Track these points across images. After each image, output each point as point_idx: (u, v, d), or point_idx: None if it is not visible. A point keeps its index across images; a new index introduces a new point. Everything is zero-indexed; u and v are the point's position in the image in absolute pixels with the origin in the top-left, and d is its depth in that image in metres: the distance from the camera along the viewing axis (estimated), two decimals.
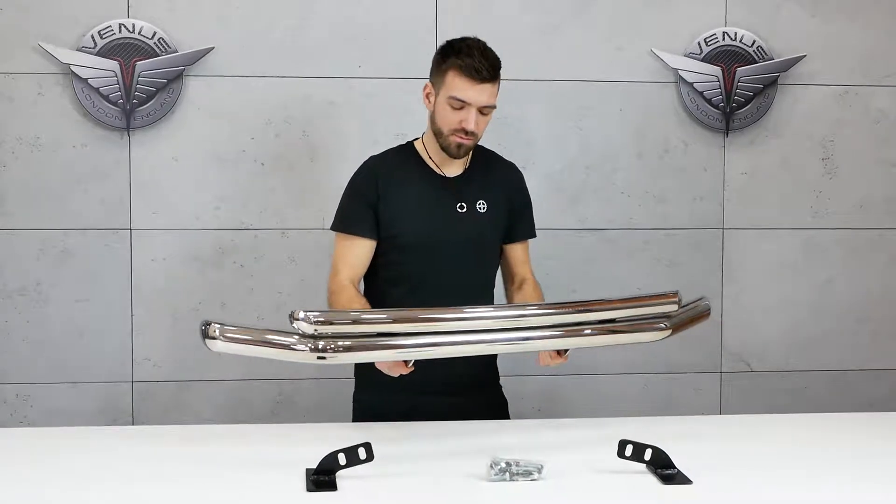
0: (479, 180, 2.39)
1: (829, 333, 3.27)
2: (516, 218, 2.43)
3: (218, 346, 1.88)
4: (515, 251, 2.46)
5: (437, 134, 2.32)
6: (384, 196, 2.33)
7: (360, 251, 2.33)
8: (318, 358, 1.87)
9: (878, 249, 3.26)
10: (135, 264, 3.02)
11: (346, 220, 2.35)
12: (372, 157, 2.42)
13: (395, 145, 2.45)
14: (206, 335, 1.88)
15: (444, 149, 2.32)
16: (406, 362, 2.07)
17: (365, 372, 2.39)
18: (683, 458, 1.91)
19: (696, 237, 3.21)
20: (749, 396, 3.24)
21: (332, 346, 1.87)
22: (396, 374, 2.13)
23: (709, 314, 2.27)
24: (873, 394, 3.27)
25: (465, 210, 2.35)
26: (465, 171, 2.38)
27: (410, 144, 2.43)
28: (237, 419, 3.04)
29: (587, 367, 3.18)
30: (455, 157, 2.33)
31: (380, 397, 2.36)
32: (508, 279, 2.48)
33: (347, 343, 1.89)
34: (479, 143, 2.41)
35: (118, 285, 3.01)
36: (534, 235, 2.51)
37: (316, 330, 1.86)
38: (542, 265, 3.13)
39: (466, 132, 2.27)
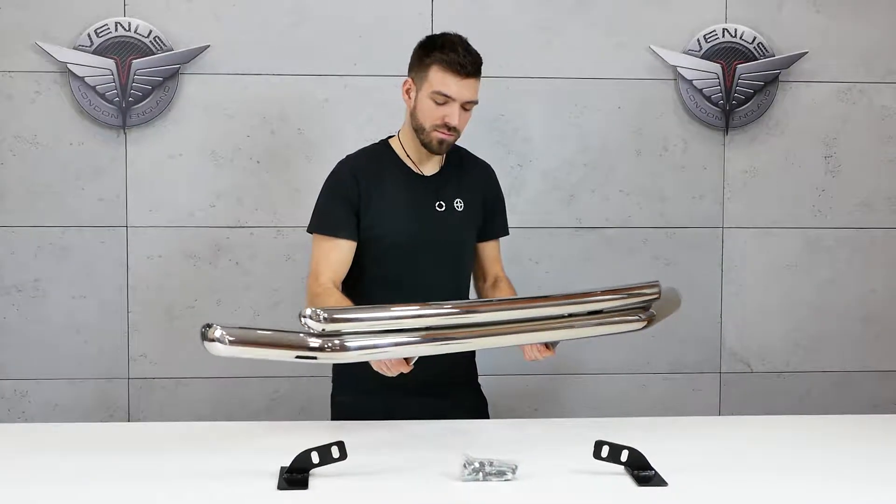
0: (456, 178, 2.38)
1: (832, 334, 3.22)
2: (490, 216, 2.43)
3: (219, 349, 1.82)
4: (488, 249, 2.45)
5: (419, 130, 2.30)
6: (366, 196, 2.30)
7: (341, 253, 2.30)
8: (319, 351, 1.88)
9: (882, 249, 3.21)
10: (131, 261, 3.03)
11: (327, 222, 2.31)
12: (349, 157, 2.40)
13: (367, 144, 2.44)
14: (205, 337, 1.82)
15: (426, 145, 2.30)
16: (407, 361, 2.06)
17: (343, 373, 2.39)
18: (666, 460, 1.89)
19: (696, 236, 3.17)
20: (749, 398, 3.20)
21: (349, 343, 1.88)
22: (396, 373, 2.09)
23: (679, 304, 2.30)
24: (877, 396, 3.22)
25: (444, 209, 2.34)
26: (442, 169, 2.37)
27: (385, 143, 2.41)
28: (232, 416, 3.05)
29: (584, 367, 3.16)
30: (436, 154, 2.32)
31: (358, 399, 2.34)
32: (480, 277, 2.47)
33: (365, 341, 1.91)
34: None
35: (115, 282, 3.03)
36: (507, 233, 2.49)
37: (324, 329, 1.86)
38: (540, 263, 3.14)
39: (449, 128, 2.26)
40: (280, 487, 1.78)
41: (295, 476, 1.81)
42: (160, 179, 3.02)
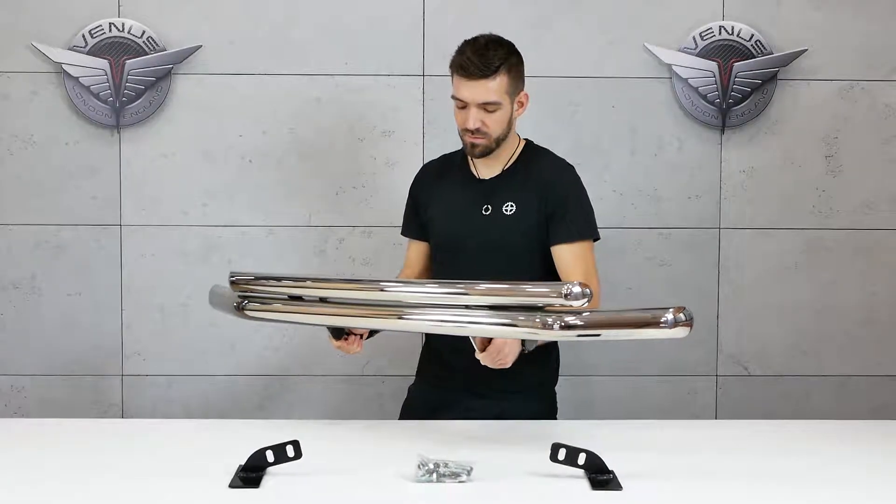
0: (515, 182, 2.34)
1: (832, 337, 3.15)
2: (551, 219, 2.30)
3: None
4: (557, 255, 2.31)
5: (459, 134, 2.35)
6: (423, 199, 2.43)
7: (413, 252, 2.49)
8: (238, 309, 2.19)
9: (883, 250, 3.13)
10: (125, 260, 3.06)
11: (403, 223, 2.51)
12: (428, 161, 2.55)
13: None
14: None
15: (465, 149, 2.33)
16: (352, 341, 2.18)
17: (422, 363, 2.50)
18: (630, 465, 1.86)
19: (691, 237, 3.12)
20: (747, 402, 3.14)
21: (247, 304, 2.17)
22: (349, 353, 2.23)
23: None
24: (878, 401, 3.14)
25: (489, 212, 2.33)
26: (504, 171, 2.35)
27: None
28: (224, 413, 3.06)
29: (577, 369, 3.12)
30: (474, 157, 2.33)
31: (421, 389, 2.47)
32: None
33: (261, 304, 2.18)
34: (534, 142, 2.42)
35: (109, 280, 3.06)
36: (573, 239, 2.31)
37: (235, 291, 2.18)
38: None
39: (472, 131, 2.25)
40: (232, 485, 1.78)
41: (249, 474, 1.81)
42: (153, 178, 3.05)
